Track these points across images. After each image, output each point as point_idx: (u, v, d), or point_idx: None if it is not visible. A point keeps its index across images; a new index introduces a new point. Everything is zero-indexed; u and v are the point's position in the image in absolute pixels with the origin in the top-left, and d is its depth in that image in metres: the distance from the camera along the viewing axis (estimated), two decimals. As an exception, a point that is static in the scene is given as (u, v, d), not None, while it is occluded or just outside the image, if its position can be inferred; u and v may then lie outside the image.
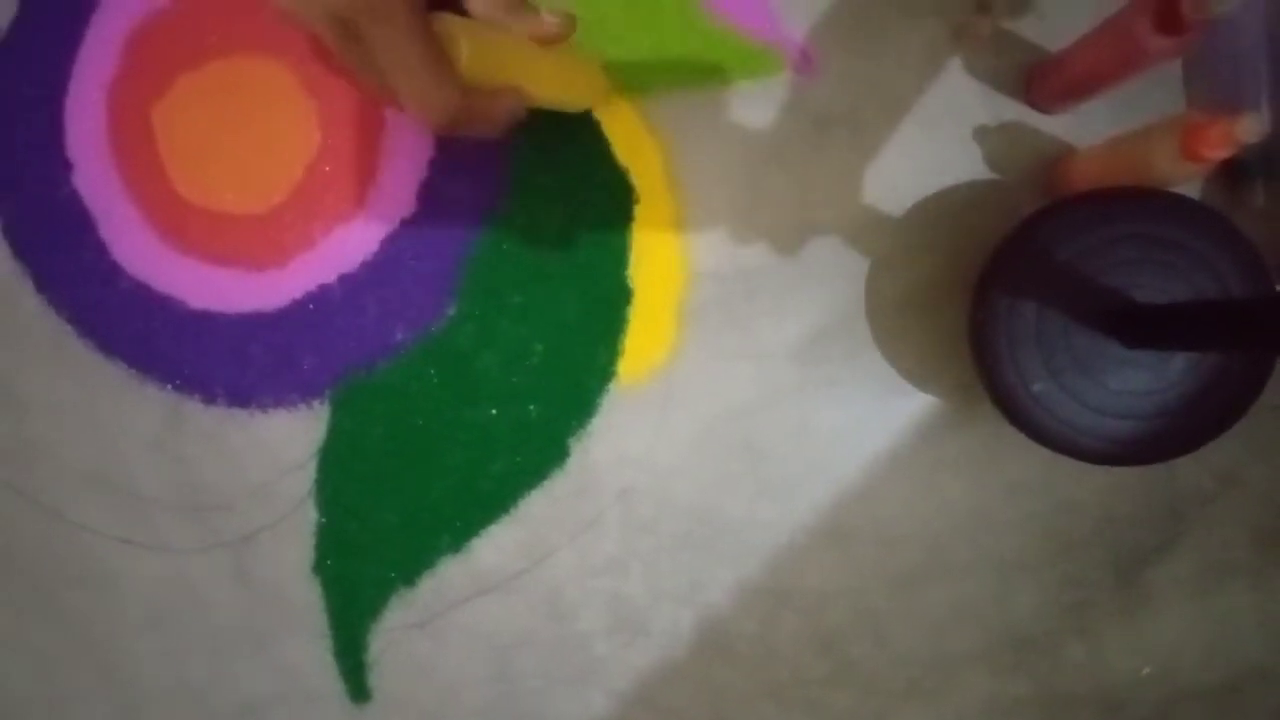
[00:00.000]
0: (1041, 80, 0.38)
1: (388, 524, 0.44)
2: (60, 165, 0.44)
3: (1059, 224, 0.35)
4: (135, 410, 0.44)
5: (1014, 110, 0.40)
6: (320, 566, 0.44)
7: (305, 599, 0.44)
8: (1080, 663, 0.42)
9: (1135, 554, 0.41)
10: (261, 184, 0.43)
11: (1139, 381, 0.36)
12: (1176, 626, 0.42)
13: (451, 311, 0.43)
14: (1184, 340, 0.34)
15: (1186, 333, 0.33)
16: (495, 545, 0.43)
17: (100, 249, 0.44)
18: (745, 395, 0.42)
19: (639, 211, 0.42)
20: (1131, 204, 0.35)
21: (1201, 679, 0.42)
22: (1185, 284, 0.35)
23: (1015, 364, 0.36)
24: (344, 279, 0.43)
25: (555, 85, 0.38)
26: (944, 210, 0.41)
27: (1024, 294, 0.36)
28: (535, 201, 0.42)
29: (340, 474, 0.44)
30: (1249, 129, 0.29)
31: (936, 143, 0.40)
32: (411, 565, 0.44)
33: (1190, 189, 0.40)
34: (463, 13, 0.34)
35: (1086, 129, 0.40)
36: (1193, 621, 0.42)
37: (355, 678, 0.45)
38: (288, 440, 0.44)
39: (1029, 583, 0.42)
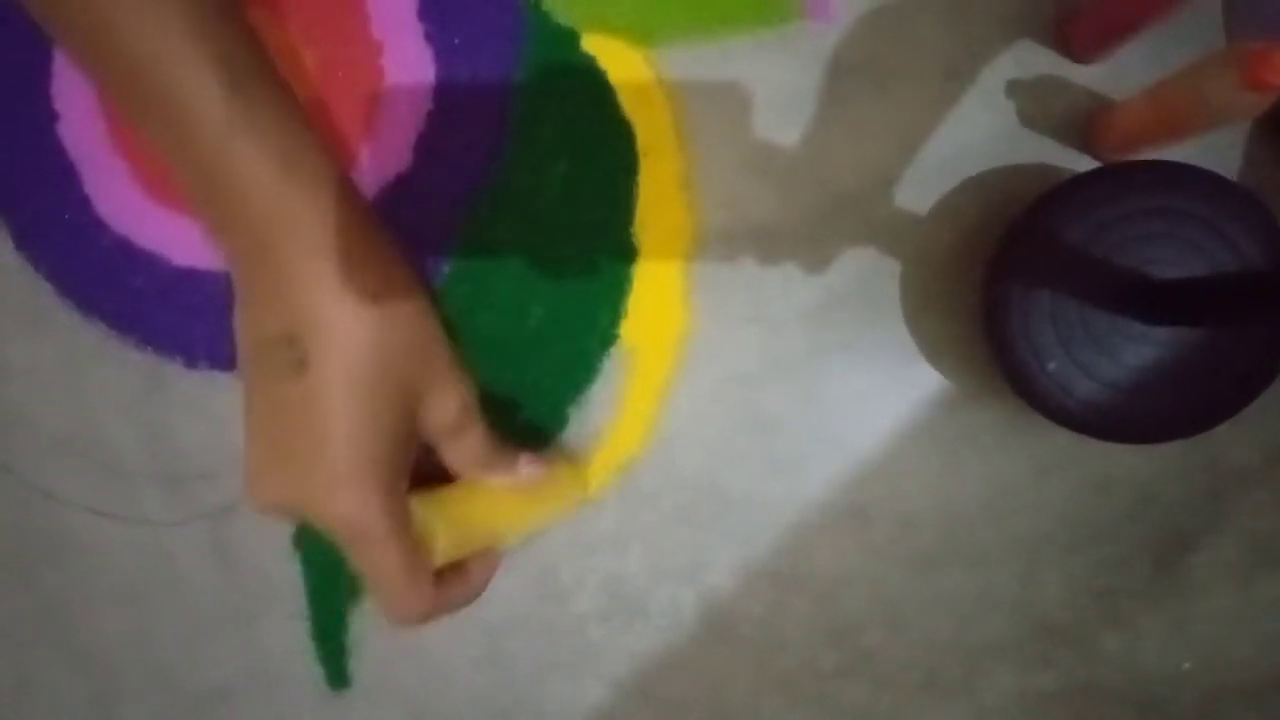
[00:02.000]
0: (1077, 24, 0.36)
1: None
2: (45, 115, 0.42)
3: (1072, 200, 0.35)
4: (114, 374, 0.42)
5: (1046, 60, 0.38)
6: (301, 540, 0.42)
7: (284, 576, 0.42)
8: (1114, 655, 0.39)
9: (1175, 538, 0.39)
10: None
11: (1156, 358, 0.35)
12: (1219, 617, 0.39)
13: (447, 271, 0.41)
14: (1202, 315, 0.33)
15: (1204, 308, 0.33)
16: (487, 521, 0.41)
17: (83, 203, 0.42)
18: (754, 361, 0.40)
19: (645, 166, 0.40)
20: (1145, 178, 0.34)
21: (1247, 675, 0.39)
22: (1203, 257, 0.34)
23: (1029, 342, 0.35)
24: (335, 235, 0.41)
25: (536, 516, 0.38)
26: (971, 168, 0.39)
27: (1038, 272, 0.35)
28: (536, 156, 0.40)
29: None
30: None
31: (963, 95, 0.38)
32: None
33: (1235, 138, 0.37)
34: (438, 472, 0.35)
35: (1123, 80, 0.37)
36: (1237, 612, 0.39)
37: (335, 662, 0.43)
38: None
39: (1058, 568, 0.39)
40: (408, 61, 0.40)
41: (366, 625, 0.42)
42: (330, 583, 0.42)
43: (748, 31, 0.39)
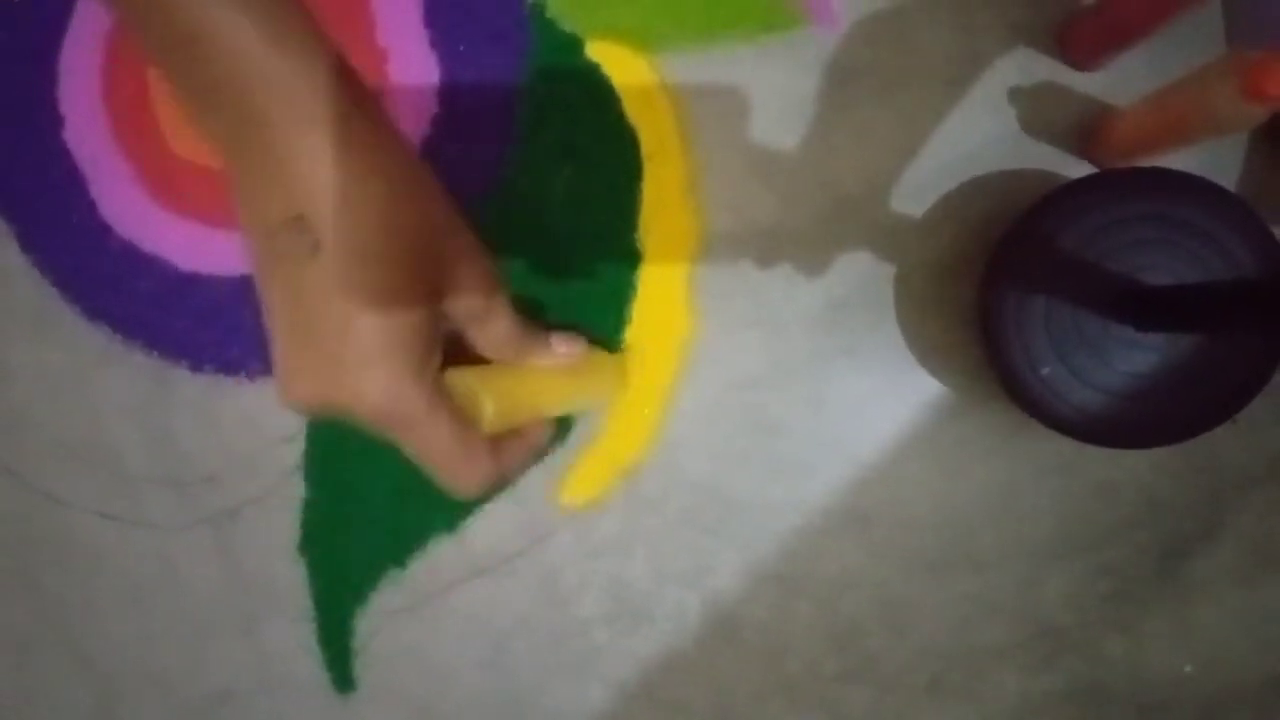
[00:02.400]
0: (1078, 32, 0.37)
1: (379, 501, 0.42)
2: (51, 119, 0.42)
3: (1067, 206, 0.35)
4: (119, 378, 0.42)
5: (1047, 68, 0.38)
6: (306, 545, 0.42)
7: (289, 580, 0.42)
8: (1117, 659, 0.39)
9: (1176, 542, 0.39)
10: (257, 140, 0.41)
11: (1148, 364, 0.35)
12: (1221, 621, 0.39)
13: (451, 275, 0.41)
14: (1194, 322, 0.34)
15: (1197, 314, 0.33)
16: (491, 524, 0.41)
17: (89, 208, 0.42)
18: (757, 365, 0.40)
19: (649, 171, 0.40)
20: (1139, 184, 0.34)
21: (1247, 677, 0.39)
22: (1196, 264, 0.34)
23: (1023, 347, 0.35)
24: (340, 240, 0.41)
25: (579, 396, 0.38)
26: (973, 173, 0.39)
27: (1032, 277, 0.35)
28: (541, 162, 0.40)
29: (331, 447, 0.42)
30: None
31: (965, 101, 0.38)
32: (402, 545, 0.42)
33: (1234, 146, 0.38)
34: (472, 359, 0.33)
35: (1124, 87, 0.38)
36: (1238, 615, 0.39)
37: (340, 665, 0.42)
38: (277, 411, 0.42)
39: (1061, 571, 0.39)
40: (413, 67, 0.40)
41: (372, 628, 0.42)
42: (336, 586, 0.42)
43: (751, 37, 0.39)
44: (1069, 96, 0.38)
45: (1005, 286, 0.35)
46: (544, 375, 0.35)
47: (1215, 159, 0.37)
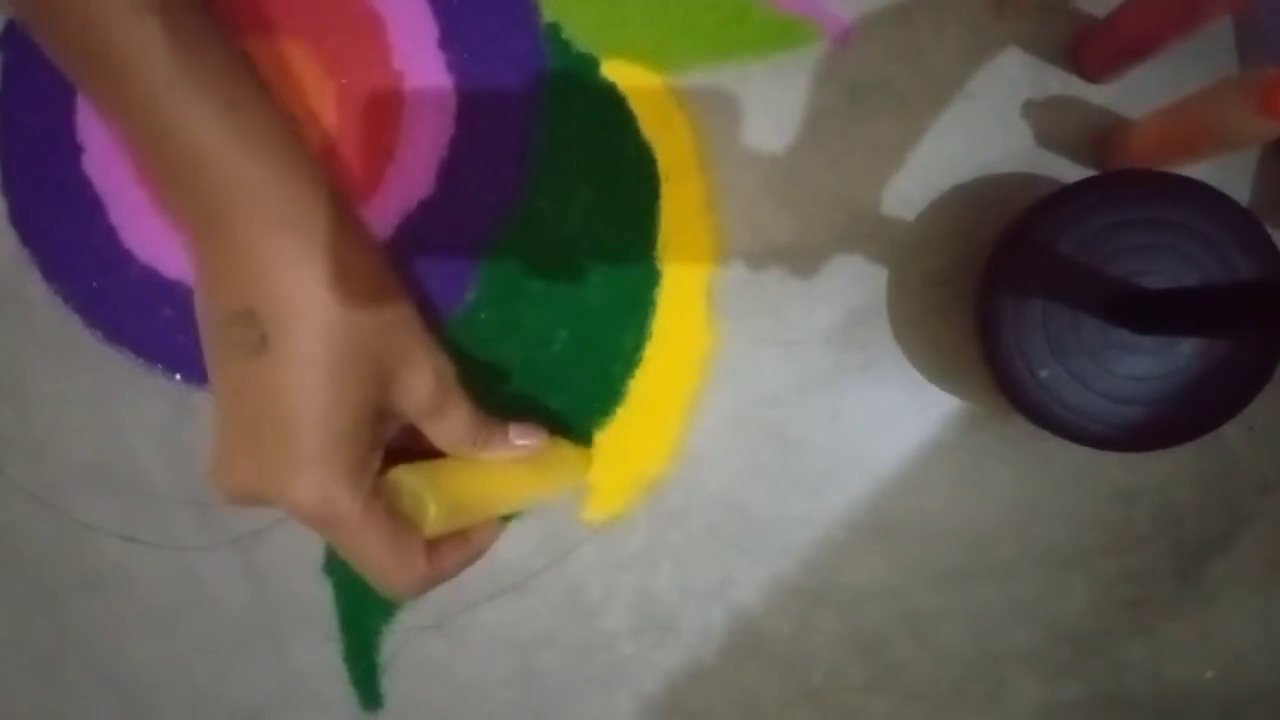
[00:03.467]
0: (1091, 45, 0.37)
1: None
2: (70, 149, 0.43)
3: (1063, 210, 0.35)
4: (142, 402, 0.43)
5: (1060, 81, 0.38)
6: (332, 564, 0.42)
7: (315, 598, 0.43)
8: (1138, 665, 0.40)
9: (1196, 547, 0.39)
10: (276, 165, 0.42)
11: (1147, 367, 0.35)
12: (1241, 627, 0.39)
13: (471, 296, 0.41)
14: (1192, 325, 0.34)
15: (1195, 318, 0.33)
16: (515, 540, 0.41)
17: (110, 234, 0.43)
18: (777, 381, 0.40)
19: (667, 191, 0.40)
20: (1137, 188, 0.34)
21: (1269, 683, 0.40)
22: (1193, 267, 0.34)
23: (1021, 350, 0.35)
24: (360, 262, 0.41)
25: (536, 489, 0.38)
26: (988, 187, 0.39)
27: (1030, 281, 0.35)
28: (558, 182, 0.40)
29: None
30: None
31: (979, 116, 0.39)
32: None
33: (1246, 159, 0.38)
34: (427, 451, 0.33)
35: (1137, 99, 0.38)
36: (1258, 621, 0.39)
37: (367, 682, 0.43)
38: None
39: (1081, 579, 0.40)
40: (429, 90, 0.41)
41: (398, 645, 0.42)
42: (362, 604, 0.43)
43: (765, 55, 0.40)
44: (1082, 109, 0.38)
45: (1002, 291, 0.35)
46: (498, 470, 0.35)
47: (1228, 173, 0.38)
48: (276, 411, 0.28)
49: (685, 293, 0.40)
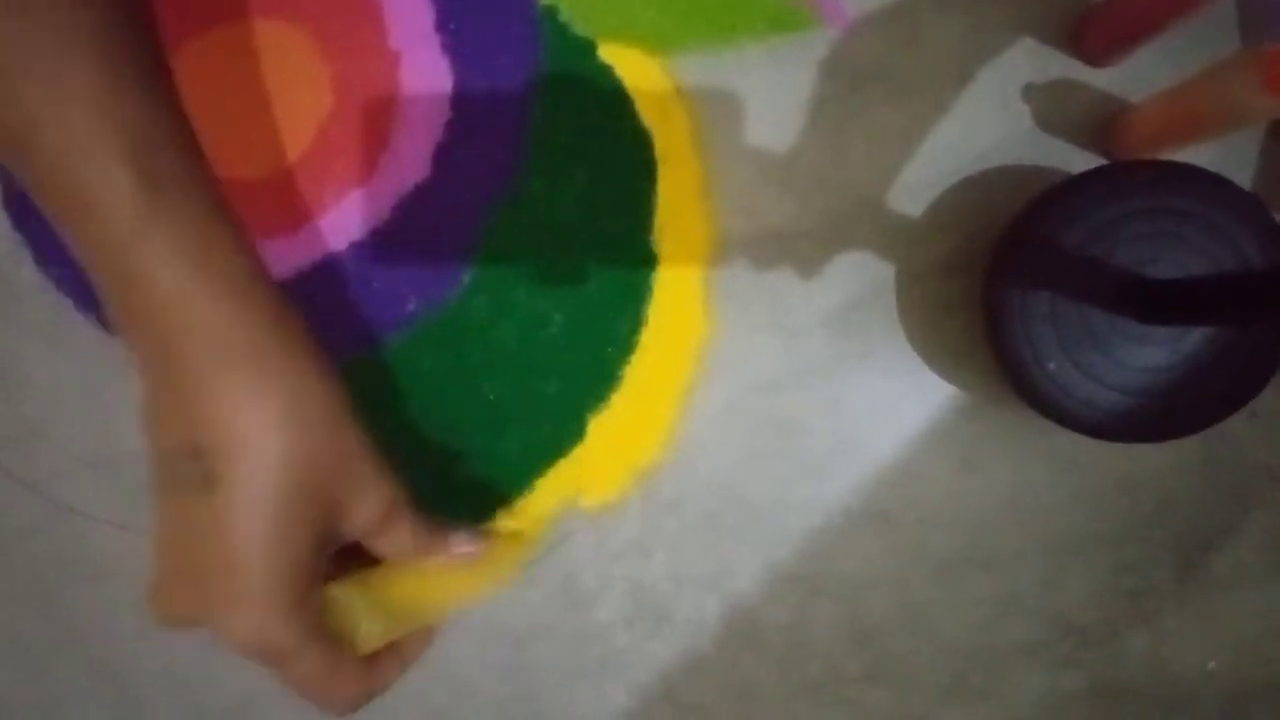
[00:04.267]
0: (1093, 28, 0.37)
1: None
2: (64, 132, 0.42)
3: (1069, 201, 0.35)
4: (135, 389, 0.42)
5: (1061, 65, 0.38)
6: (325, 551, 0.42)
7: (309, 587, 0.42)
8: (1139, 656, 0.39)
9: (1198, 537, 0.39)
10: (270, 148, 0.41)
11: (1155, 357, 0.35)
12: (1243, 617, 0.39)
13: (466, 280, 0.41)
14: (1201, 314, 0.33)
15: (1203, 307, 0.33)
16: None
17: (103, 219, 0.42)
18: (775, 367, 0.40)
19: (663, 174, 0.40)
20: (1142, 178, 0.34)
21: (1271, 673, 0.39)
22: (1202, 256, 0.34)
23: (1029, 342, 0.35)
24: (354, 247, 0.41)
25: (474, 588, 0.37)
26: (988, 171, 0.39)
27: (1037, 272, 0.35)
28: (555, 165, 0.40)
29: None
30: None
31: (978, 99, 0.39)
32: (421, 550, 0.42)
33: (1250, 140, 0.37)
34: (366, 556, 0.33)
35: (1139, 82, 0.38)
36: (1261, 611, 0.39)
37: (360, 672, 0.42)
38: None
39: (1082, 569, 0.39)
40: (425, 72, 0.41)
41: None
42: (354, 593, 0.42)
43: (763, 39, 0.39)
44: (1084, 92, 0.38)
45: (1009, 282, 0.35)
46: (434, 575, 0.35)
47: (1232, 154, 0.37)
48: (219, 549, 0.28)
49: (682, 278, 0.40)
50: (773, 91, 0.39)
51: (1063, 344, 0.35)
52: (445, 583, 0.35)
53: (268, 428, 0.28)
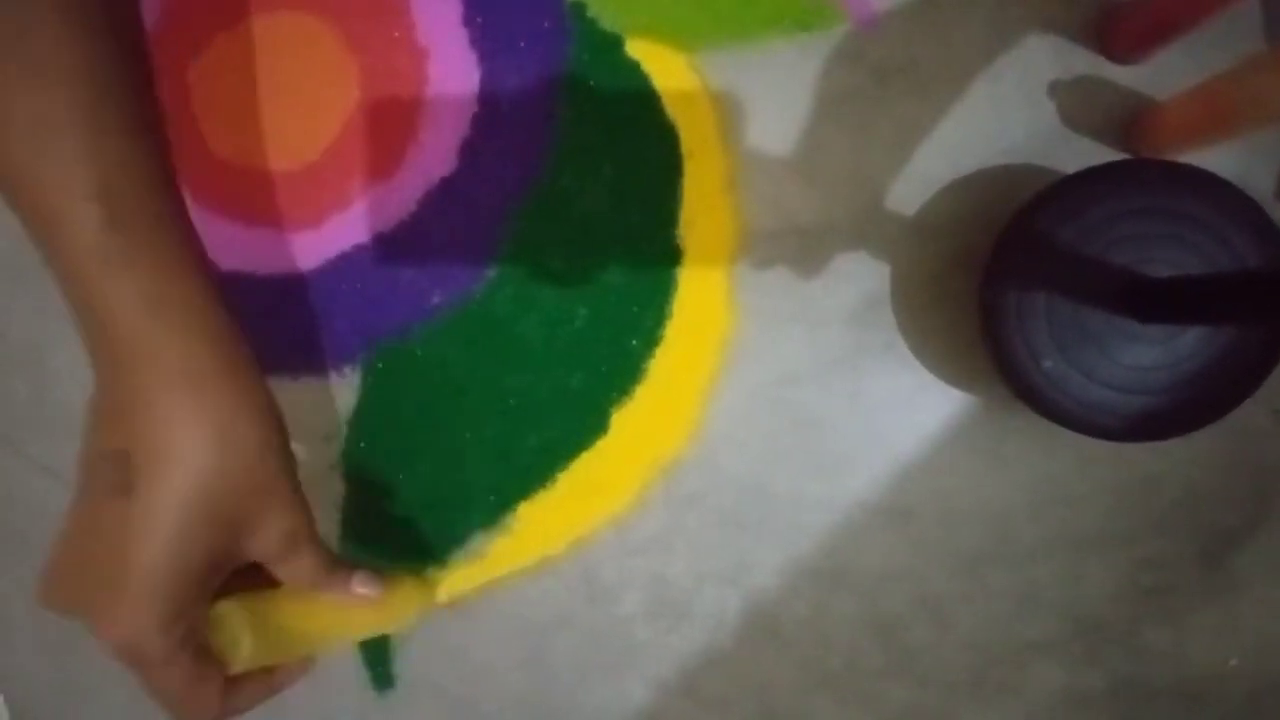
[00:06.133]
0: (1119, 26, 0.37)
1: (418, 499, 0.42)
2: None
3: (1065, 200, 0.35)
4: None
5: (1086, 62, 0.38)
6: (345, 541, 0.42)
7: (329, 578, 0.42)
8: (1161, 652, 0.39)
9: (1219, 534, 0.39)
10: (297, 141, 0.42)
11: (1151, 356, 0.35)
12: (1265, 613, 0.39)
13: (491, 274, 0.41)
14: (1196, 313, 0.33)
15: (1198, 306, 0.33)
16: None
17: (130, 209, 0.43)
18: (798, 361, 0.40)
19: (689, 169, 0.40)
20: (1138, 177, 0.34)
21: (1294, 671, 0.39)
22: (1197, 256, 0.34)
23: (1025, 341, 0.35)
24: (380, 239, 0.41)
25: (367, 627, 0.38)
26: (1013, 168, 0.39)
27: (1033, 270, 0.35)
28: (581, 159, 0.40)
29: (370, 445, 0.42)
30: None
31: (1003, 96, 0.39)
32: (442, 542, 0.42)
33: (1274, 146, 0.38)
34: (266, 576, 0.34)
35: (1164, 79, 0.38)
36: (1283, 609, 0.39)
37: (379, 663, 0.42)
38: (316, 409, 0.42)
39: (1103, 565, 0.39)
40: (453, 67, 0.41)
41: (411, 625, 0.42)
42: (375, 584, 0.42)
43: (790, 35, 0.40)
44: (1109, 89, 0.38)
45: (1006, 281, 0.35)
46: (330, 607, 0.35)
47: (1260, 152, 0.37)
48: (116, 551, 0.30)
49: (706, 272, 0.40)
50: (798, 87, 0.39)
51: (1059, 343, 0.35)
52: (338, 618, 0.36)
53: (192, 447, 0.30)
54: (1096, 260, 0.34)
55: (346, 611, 0.36)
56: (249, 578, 0.33)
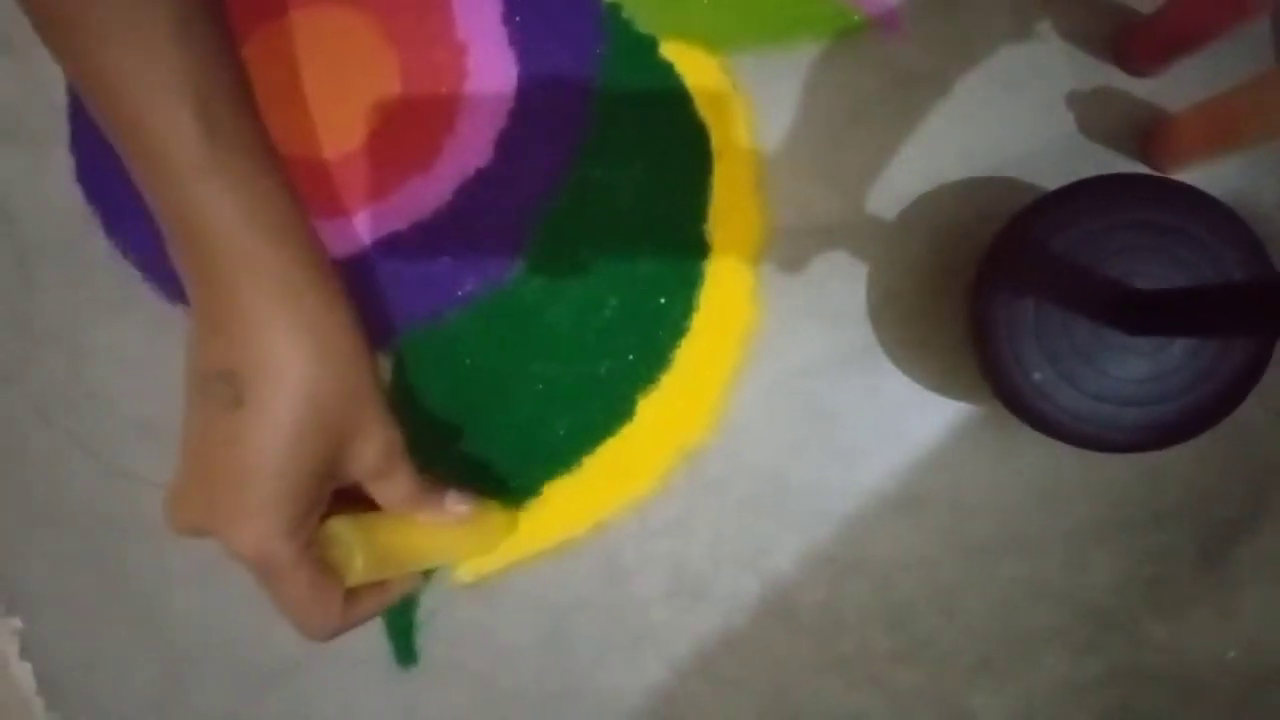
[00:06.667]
0: (1137, 39, 0.38)
1: (447, 480, 0.43)
2: (137, 108, 0.44)
3: (1055, 213, 0.35)
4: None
5: (1104, 74, 0.40)
6: (374, 521, 0.43)
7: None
8: (1161, 643, 0.41)
9: (1220, 529, 0.40)
10: (337, 130, 0.43)
11: (1140, 368, 0.35)
12: (1263, 607, 0.40)
13: (523, 263, 0.42)
14: (1184, 326, 0.34)
15: (1186, 318, 0.33)
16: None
17: (172, 193, 0.44)
18: (817, 354, 0.41)
19: (720, 168, 0.41)
20: (1127, 190, 0.35)
21: (1289, 663, 0.41)
22: (1184, 269, 0.35)
23: (1014, 352, 0.36)
24: (415, 227, 0.43)
25: (461, 548, 0.40)
26: (1030, 176, 0.40)
27: (1022, 282, 0.36)
28: (614, 156, 0.42)
29: (400, 427, 0.43)
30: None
31: (1023, 106, 0.40)
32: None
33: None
34: (366, 501, 0.36)
35: (1181, 92, 0.39)
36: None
37: (403, 639, 0.44)
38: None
39: (1106, 556, 0.41)
40: (491, 63, 0.42)
41: (436, 603, 0.43)
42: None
43: (818, 40, 0.41)
44: (1126, 101, 0.40)
45: (995, 292, 0.36)
46: (428, 529, 0.37)
47: (1260, 168, 0.39)
48: (236, 463, 0.31)
49: (732, 266, 0.41)
50: (825, 91, 0.41)
51: (1048, 355, 0.35)
52: (434, 536, 0.38)
53: (296, 359, 0.31)
54: (1085, 272, 0.35)
55: (443, 531, 0.38)
56: (349, 502, 0.35)
